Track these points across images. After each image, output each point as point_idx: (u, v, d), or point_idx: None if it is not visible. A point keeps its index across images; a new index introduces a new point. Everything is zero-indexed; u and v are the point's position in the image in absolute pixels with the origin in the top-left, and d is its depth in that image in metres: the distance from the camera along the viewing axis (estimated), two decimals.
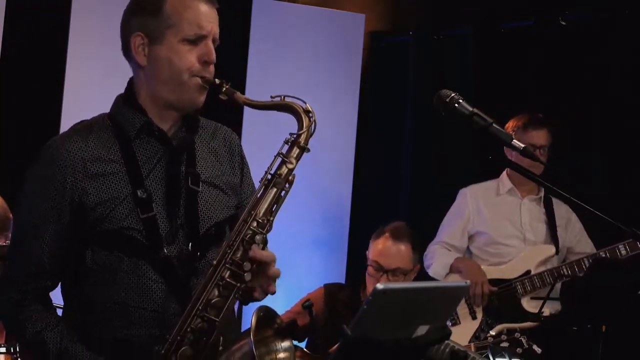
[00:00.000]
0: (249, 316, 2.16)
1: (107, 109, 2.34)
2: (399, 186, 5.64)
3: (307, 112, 2.24)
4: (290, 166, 2.19)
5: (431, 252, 4.52)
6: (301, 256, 5.16)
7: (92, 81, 4.78)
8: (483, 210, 4.47)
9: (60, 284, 2.29)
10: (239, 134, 5.01)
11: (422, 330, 2.02)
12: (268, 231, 2.18)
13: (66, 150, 2.19)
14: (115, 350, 2.18)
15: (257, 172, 2.33)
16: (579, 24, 4.90)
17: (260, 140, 3.81)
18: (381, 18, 5.84)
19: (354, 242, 5.39)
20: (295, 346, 3.86)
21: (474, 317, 4.26)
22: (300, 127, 2.22)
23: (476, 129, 2.23)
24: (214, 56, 2.22)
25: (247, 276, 2.13)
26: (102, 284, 2.18)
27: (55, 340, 2.18)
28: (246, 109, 2.25)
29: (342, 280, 5.17)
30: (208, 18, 2.21)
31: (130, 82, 2.29)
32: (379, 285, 1.89)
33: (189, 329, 2.12)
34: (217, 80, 2.20)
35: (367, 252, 3.85)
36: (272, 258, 2.17)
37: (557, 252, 4.36)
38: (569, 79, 4.92)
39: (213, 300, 2.12)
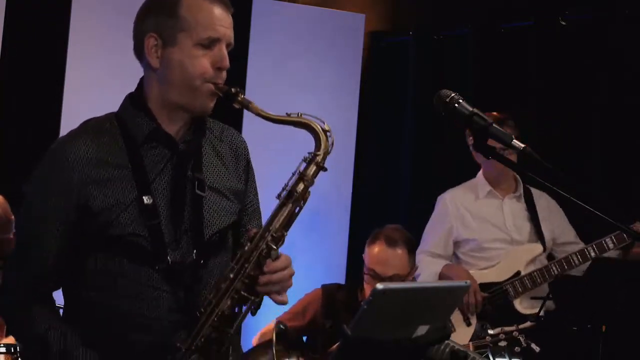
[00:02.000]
0: (248, 327, 2.17)
1: (107, 109, 2.32)
2: (399, 186, 5.63)
3: (325, 131, 2.23)
4: (307, 184, 2.19)
5: (417, 262, 4.48)
6: (300, 257, 5.15)
7: (92, 81, 4.78)
8: (465, 216, 4.43)
9: (62, 288, 2.28)
10: (240, 127, 5.05)
11: (422, 330, 2.02)
12: (281, 244, 2.19)
13: (74, 152, 2.17)
14: (116, 356, 2.17)
15: (256, 161, 2.34)
16: (579, 24, 4.90)
17: (260, 141, 3.81)
18: (381, 18, 5.84)
19: (354, 242, 5.39)
20: (296, 346, 3.88)
21: (468, 324, 4.24)
22: (318, 146, 2.20)
23: (476, 129, 2.23)
24: (227, 62, 2.20)
25: (261, 289, 2.15)
26: (104, 289, 2.17)
27: (57, 342, 2.17)
28: (246, 114, 2.25)
29: (342, 281, 5.17)
30: (223, 22, 2.20)
31: (141, 83, 2.27)
32: (379, 285, 1.89)
33: (202, 339, 2.12)
34: (232, 89, 2.19)
35: (363, 255, 3.84)
36: (286, 264, 2.19)
37: (544, 250, 4.35)
38: (569, 79, 4.92)
39: (227, 312, 2.13)
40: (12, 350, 3.55)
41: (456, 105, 2.24)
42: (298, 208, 2.20)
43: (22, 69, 4.79)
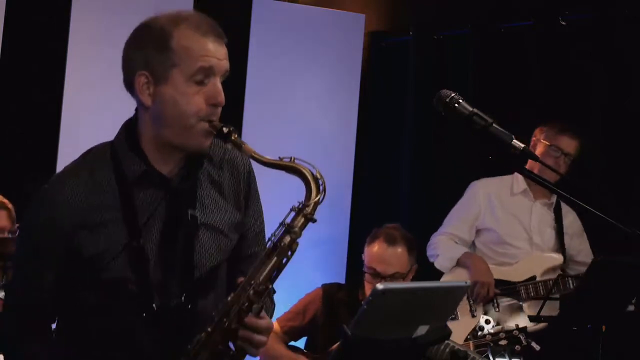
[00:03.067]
0: None
1: (106, 110, 2.32)
2: (399, 186, 5.63)
3: (316, 179, 2.16)
4: (294, 236, 2.12)
5: (435, 243, 4.47)
6: (301, 256, 5.14)
7: (92, 82, 4.78)
8: (495, 207, 4.44)
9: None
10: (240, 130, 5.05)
11: (422, 330, 2.02)
12: (267, 296, 2.13)
13: (65, 195, 2.12)
14: None
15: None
16: (579, 24, 4.90)
17: (260, 136, 3.81)
18: (381, 18, 5.84)
19: (354, 242, 5.39)
20: (295, 346, 3.89)
21: (473, 315, 4.24)
22: (309, 196, 2.13)
23: (476, 129, 2.23)
24: (222, 98, 2.10)
25: (240, 343, 2.09)
26: (91, 330, 2.17)
27: None
28: (247, 108, 2.24)
29: (342, 280, 5.17)
30: (217, 55, 2.09)
31: (136, 117, 2.19)
32: (379, 286, 1.89)
33: None
34: (225, 129, 2.10)
35: (362, 255, 3.84)
36: (267, 327, 2.13)
37: (564, 262, 4.35)
38: (569, 79, 4.92)
39: None
40: None
41: (456, 105, 2.24)
42: (285, 259, 2.12)
43: (22, 69, 4.79)
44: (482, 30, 5.28)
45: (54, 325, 2.29)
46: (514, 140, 2.24)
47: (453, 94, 2.26)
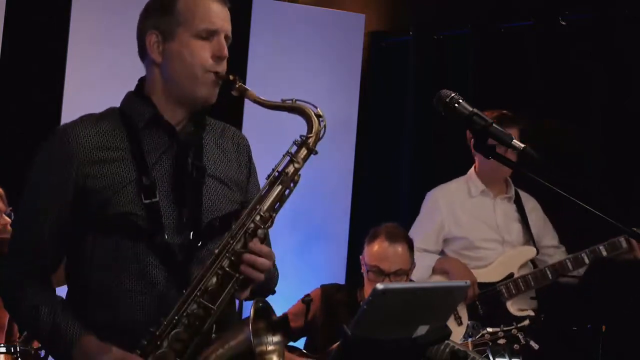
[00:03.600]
0: (248, 310, 2.17)
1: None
2: (399, 186, 5.63)
3: (318, 116, 2.29)
4: (297, 166, 2.23)
5: None
6: (301, 256, 5.16)
7: (92, 81, 4.78)
8: (458, 213, 4.39)
9: (65, 268, 2.32)
10: (240, 126, 5.05)
11: (422, 330, 2.02)
12: (269, 226, 2.22)
13: (74, 135, 2.24)
14: (115, 333, 2.18)
15: (256, 160, 2.36)
16: (579, 24, 4.90)
17: (260, 139, 3.81)
18: (381, 18, 5.84)
19: (354, 241, 5.38)
20: (295, 347, 3.89)
21: (460, 323, 4.22)
22: (310, 130, 2.27)
23: (476, 129, 2.23)
24: (226, 51, 2.26)
25: (244, 268, 2.16)
26: (103, 268, 2.21)
27: (48, 317, 2.20)
28: (246, 110, 2.28)
29: (342, 281, 5.17)
30: (219, 15, 2.27)
31: (142, 81, 2.33)
32: (379, 286, 1.89)
33: (185, 314, 2.15)
34: (230, 77, 2.26)
35: (361, 256, 3.82)
36: (270, 253, 2.21)
37: (537, 253, 4.35)
38: (569, 79, 4.92)
39: (210, 288, 2.16)
40: (12, 350, 3.56)
41: (456, 105, 2.25)
42: (288, 190, 2.23)
43: (22, 69, 4.79)
44: (482, 30, 5.28)
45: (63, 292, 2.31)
46: (514, 140, 2.24)
47: (453, 94, 2.26)
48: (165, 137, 2.27)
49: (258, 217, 2.19)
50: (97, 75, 4.76)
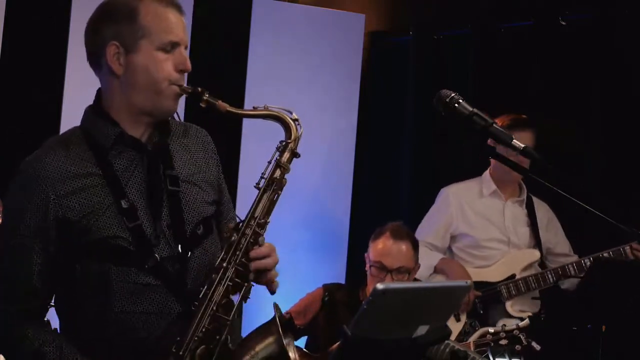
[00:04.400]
0: (249, 314, 2.19)
1: None
2: (399, 186, 5.63)
3: (294, 120, 2.31)
4: (284, 170, 2.27)
5: None
6: (301, 257, 5.16)
7: (92, 81, 4.75)
8: (467, 211, 4.44)
9: (54, 302, 2.29)
10: (238, 140, 5.04)
11: (422, 330, 2.02)
12: (264, 231, 2.26)
13: (44, 168, 2.20)
14: (121, 357, 2.18)
15: (257, 178, 2.36)
16: (579, 24, 4.89)
17: (259, 143, 3.82)
18: (381, 18, 5.84)
19: (354, 242, 5.38)
20: (296, 347, 3.89)
21: (458, 320, 4.24)
22: (289, 135, 2.30)
23: (476, 129, 2.23)
24: (189, 64, 2.26)
25: (252, 276, 2.20)
26: (96, 294, 2.19)
27: (54, 355, 2.18)
28: (245, 126, 2.29)
29: (342, 281, 5.17)
30: (179, 26, 2.26)
31: (99, 93, 2.31)
32: (379, 285, 1.89)
33: (203, 329, 2.16)
34: (199, 89, 2.25)
35: (365, 254, 3.84)
36: (270, 249, 2.25)
37: (541, 257, 4.36)
38: (569, 79, 4.92)
39: (224, 301, 2.18)
40: None
41: (456, 105, 2.25)
42: (276, 195, 2.26)
43: (22, 68, 4.78)
44: (482, 30, 5.28)
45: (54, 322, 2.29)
46: (514, 140, 2.24)
47: (453, 94, 2.27)
48: (134, 153, 2.25)
49: (256, 225, 2.22)
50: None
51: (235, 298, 2.23)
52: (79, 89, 4.80)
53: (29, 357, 2.20)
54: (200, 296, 2.17)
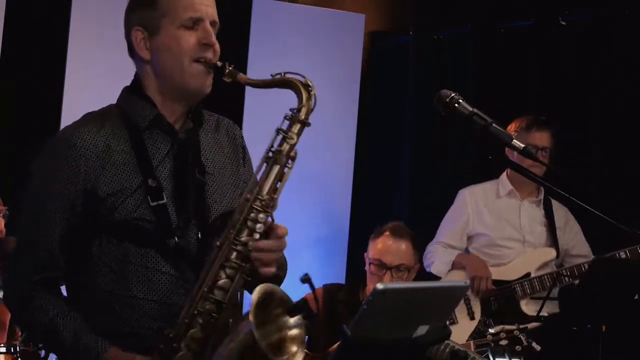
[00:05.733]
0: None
1: None
2: (399, 186, 5.64)
3: (306, 86, 2.23)
4: (292, 142, 2.16)
5: (431, 252, 4.51)
6: (301, 257, 5.16)
7: (92, 81, 4.78)
8: (483, 211, 4.46)
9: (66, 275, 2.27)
10: (240, 122, 5.05)
11: (422, 330, 2.01)
12: (273, 209, 2.15)
13: (80, 138, 2.17)
14: (123, 342, 2.16)
15: (258, 159, 2.33)
16: (579, 24, 4.90)
17: (261, 127, 3.81)
18: (381, 18, 5.84)
19: (354, 242, 5.39)
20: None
21: (472, 317, 4.25)
22: (300, 101, 2.21)
23: (476, 129, 2.23)
24: (213, 37, 2.20)
25: (254, 254, 2.11)
26: (110, 275, 2.17)
27: (68, 327, 2.15)
28: (247, 98, 2.26)
29: (342, 281, 5.17)
30: (203, 1, 2.20)
31: (137, 77, 2.28)
32: (379, 285, 1.89)
33: (196, 312, 2.10)
34: (219, 63, 2.19)
35: (365, 253, 3.84)
36: (276, 244, 2.17)
37: (557, 256, 4.36)
38: (569, 79, 4.92)
39: (219, 282, 2.11)
40: (12, 350, 3.56)
41: (456, 105, 2.25)
42: (286, 169, 2.16)
43: (22, 68, 4.79)
44: (482, 30, 5.28)
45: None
46: (514, 140, 2.24)
47: (453, 94, 2.26)
48: (166, 137, 2.23)
49: (258, 202, 2.12)
50: (97, 75, 4.76)
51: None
52: (79, 89, 4.81)
53: (42, 327, 2.19)
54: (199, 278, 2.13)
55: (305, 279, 2.09)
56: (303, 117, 2.19)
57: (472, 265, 4.33)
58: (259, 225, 2.12)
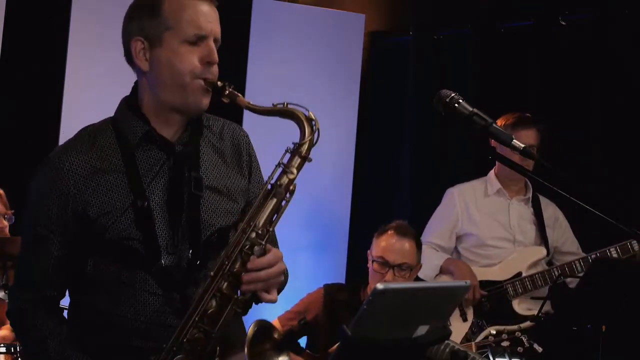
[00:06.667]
0: (253, 315, 2.16)
1: (107, 109, 2.32)
2: (399, 186, 5.64)
3: (309, 120, 2.20)
4: (291, 176, 2.15)
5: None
6: (301, 257, 5.16)
7: (92, 81, 4.78)
8: (472, 211, 4.43)
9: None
10: (240, 122, 5.04)
11: (422, 330, 2.02)
12: (268, 241, 2.14)
13: (69, 162, 2.17)
14: (112, 358, 2.17)
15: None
16: (579, 24, 4.90)
17: (260, 141, 3.81)
18: (381, 18, 5.84)
19: (354, 243, 5.39)
20: (298, 347, 3.88)
21: (465, 319, 4.24)
22: (303, 136, 2.18)
23: (476, 129, 2.23)
24: (216, 56, 2.16)
25: (245, 287, 2.10)
26: (104, 295, 2.18)
27: (56, 350, 2.18)
28: (247, 112, 2.23)
29: (342, 281, 5.17)
30: (208, 18, 2.16)
31: (135, 87, 2.26)
32: (379, 285, 1.89)
33: (184, 340, 2.10)
34: (219, 83, 2.16)
35: (368, 251, 3.84)
36: (272, 261, 2.13)
37: (548, 254, 4.36)
38: (569, 79, 4.92)
39: (209, 311, 2.10)
40: (12, 350, 3.56)
41: (456, 105, 2.25)
42: (284, 202, 2.15)
43: (22, 68, 4.79)
44: (482, 30, 5.28)
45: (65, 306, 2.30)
46: (514, 140, 2.24)
47: (453, 94, 2.26)
48: (161, 152, 2.20)
49: (254, 234, 2.11)
50: (97, 75, 4.76)
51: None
52: (79, 89, 4.81)
53: (34, 347, 2.22)
54: (189, 305, 2.12)
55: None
56: (304, 152, 2.18)
57: (458, 273, 4.29)
58: (252, 257, 2.10)
